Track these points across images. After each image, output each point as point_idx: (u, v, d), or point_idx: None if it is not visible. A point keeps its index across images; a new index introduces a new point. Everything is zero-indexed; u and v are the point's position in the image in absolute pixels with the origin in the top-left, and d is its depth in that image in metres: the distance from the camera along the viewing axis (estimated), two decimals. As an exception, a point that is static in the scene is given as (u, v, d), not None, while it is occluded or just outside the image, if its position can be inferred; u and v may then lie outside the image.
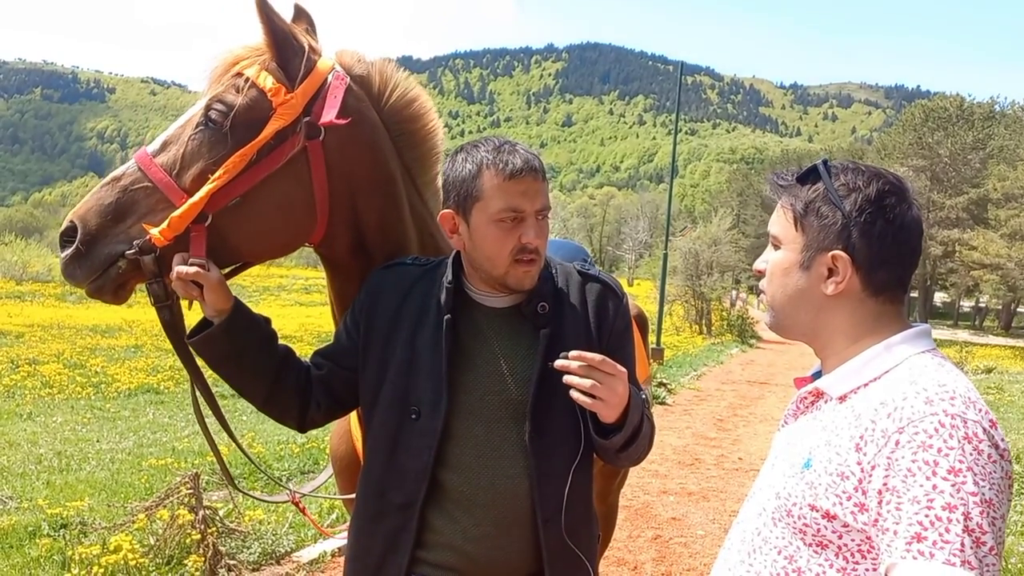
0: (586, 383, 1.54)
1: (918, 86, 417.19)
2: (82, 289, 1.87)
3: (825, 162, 1.39)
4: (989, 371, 20.58)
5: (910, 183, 1.39)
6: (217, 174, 1.78)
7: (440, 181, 1.96)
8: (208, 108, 1.84)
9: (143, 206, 1.82)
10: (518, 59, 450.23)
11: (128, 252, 1.79)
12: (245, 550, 4.81)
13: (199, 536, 4.52)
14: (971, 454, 1.14)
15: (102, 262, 1.81)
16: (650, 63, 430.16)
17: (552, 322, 1.74)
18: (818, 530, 1.26)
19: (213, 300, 1.77)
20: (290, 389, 1.84)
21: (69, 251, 1.82)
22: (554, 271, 1.83)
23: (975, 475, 1.13)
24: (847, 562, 1.24)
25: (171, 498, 4.74)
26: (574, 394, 1.56)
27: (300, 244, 2.00)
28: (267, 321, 1.87)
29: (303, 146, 1.85)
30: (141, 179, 1.83)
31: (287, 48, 1.88)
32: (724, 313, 29.59)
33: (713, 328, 28.36)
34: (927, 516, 1.12)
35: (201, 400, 2.09)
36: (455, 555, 1.70)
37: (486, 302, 1.77)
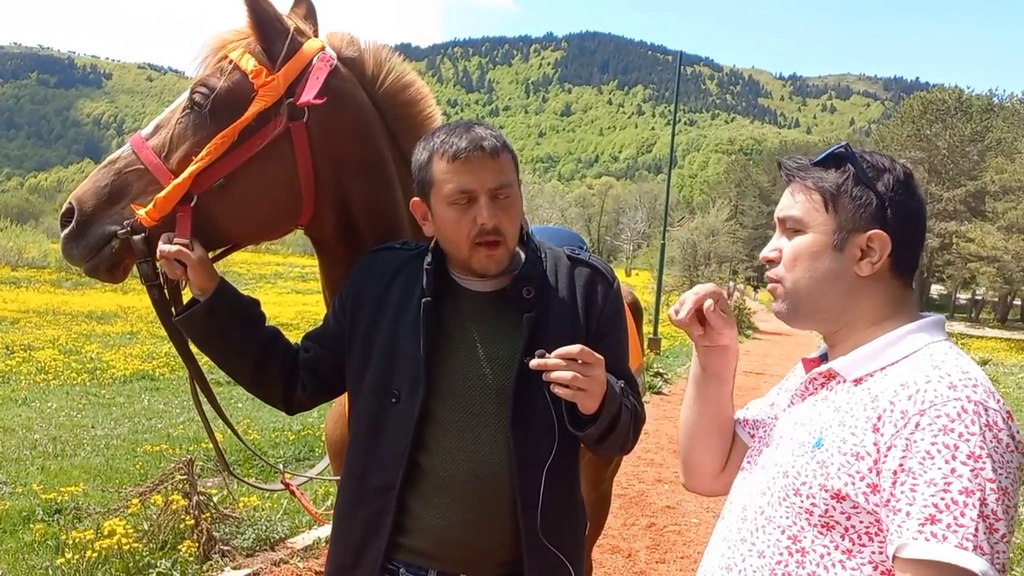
0: (566, 375, 1.51)
1: (917, 78, 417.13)
2: (80, 268, 1.92)
3: (848, 145, 1.38)
4: (985, 363, 20.64)
5: None
6: (200, 155, 1.81)
7: None
8: (193, 91, 1.87)
9: (135, 188, 1.86)
10: (517, 48, 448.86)
11: (120, 232, 1.84)
12: (239, 536, 4.81)
13: (193, 522, 4.52)
14: (991, 441, 1.14)
15: (96, 242, 1.87)
16: (649, 53, 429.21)
17: (537, 307, 1.71)
18: (826, 511, 1.25)
19: (196, 279, 1.79)
20: (275, 371, 1.84)
21: (67, 231, 1.88)
22: (543, 255, 1.79)
23: (994, 462, 1.13)
24: (853, 544, 1.24)
25: (165, 484, 4.74)
26: (556, 389, 1.53)
27: (287, 226, 2.00)
28: (254, 303, 1.88)
29: (286, 127, 1.85)
30: (134, 162, 1.88)
31: (270, 30, 1.88)
32: (721, 304, 29.56)
33: (710, 318, 28.35)
34: (943, 499, 1.12)
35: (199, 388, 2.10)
36: (432, 541, 1.69)
37: (471, 286, 1.75)
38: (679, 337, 22.03)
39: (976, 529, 1.09)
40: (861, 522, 1.23)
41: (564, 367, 1.52)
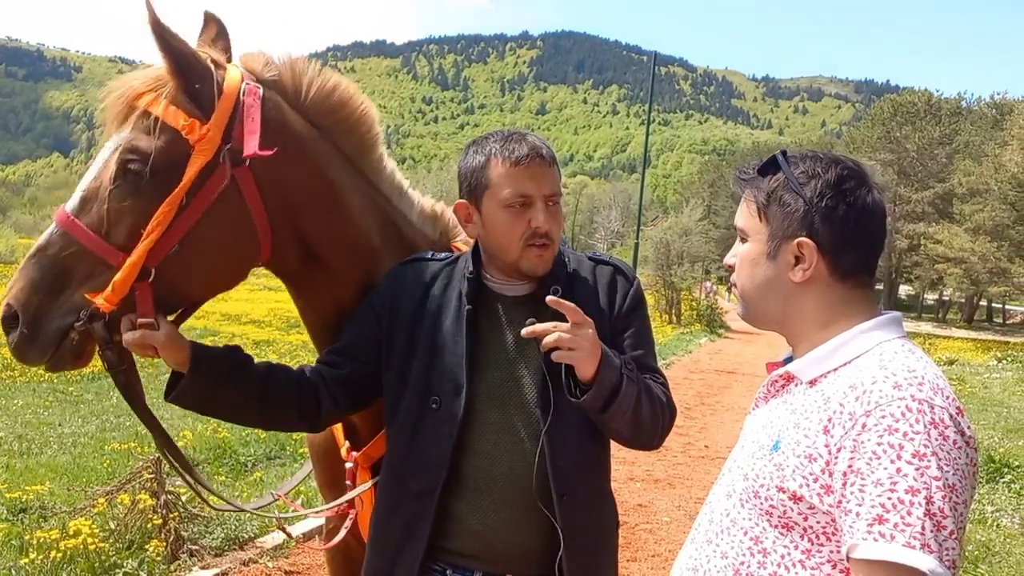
0: (552, 336, 1.59)
1: (887, 80, 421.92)
2: (41, 368, 1.79)
3: (784, 152, 1.41)
4: (951, 363, 20.99)
5: (872, 169, 1.40)
6: (149, 228, 1.69)
7: (399, 176, 2.07)
8: (123, 159, 1.72)
9: (80, 272, 1.72)
10: (493, 46, 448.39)
11: (77, 324, 1.72)
12: (208, 535, 4.77)
13: (161, 521, 4.47)
14: (936, 439, 1.15)
15: (52, 338, 1.73)
16: (624, 53, 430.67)
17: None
18: (784, 512, 1.27)
19: (168, 355, 1.74)
20: (281, 402, 1.83)
21: (14, 336, 1.72)
22: (567, 258, 1.89)
23: (939, 460, 1.14)
24: (812, 544, 1.26)
25: (133, 483, 4.68)
26: (555, 354, 1.60)
27: (249, 269, 1.95)
28: (234, 349, 1.82)
29: (231, 176, 1.75)
30: (70, 243, 1.72)
31: (192, 72, 1.75)
32: (694, 303, 29.81)
33: (683, 318, 28.58)
34: (889, 499, 1.13)
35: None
36: (476, 543, 1.74)
37: (504, 291, 1.83)
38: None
39: (923, 527, 1.11)
40: (818, 522, 1.25)
41: (552, 330, 1.59)
